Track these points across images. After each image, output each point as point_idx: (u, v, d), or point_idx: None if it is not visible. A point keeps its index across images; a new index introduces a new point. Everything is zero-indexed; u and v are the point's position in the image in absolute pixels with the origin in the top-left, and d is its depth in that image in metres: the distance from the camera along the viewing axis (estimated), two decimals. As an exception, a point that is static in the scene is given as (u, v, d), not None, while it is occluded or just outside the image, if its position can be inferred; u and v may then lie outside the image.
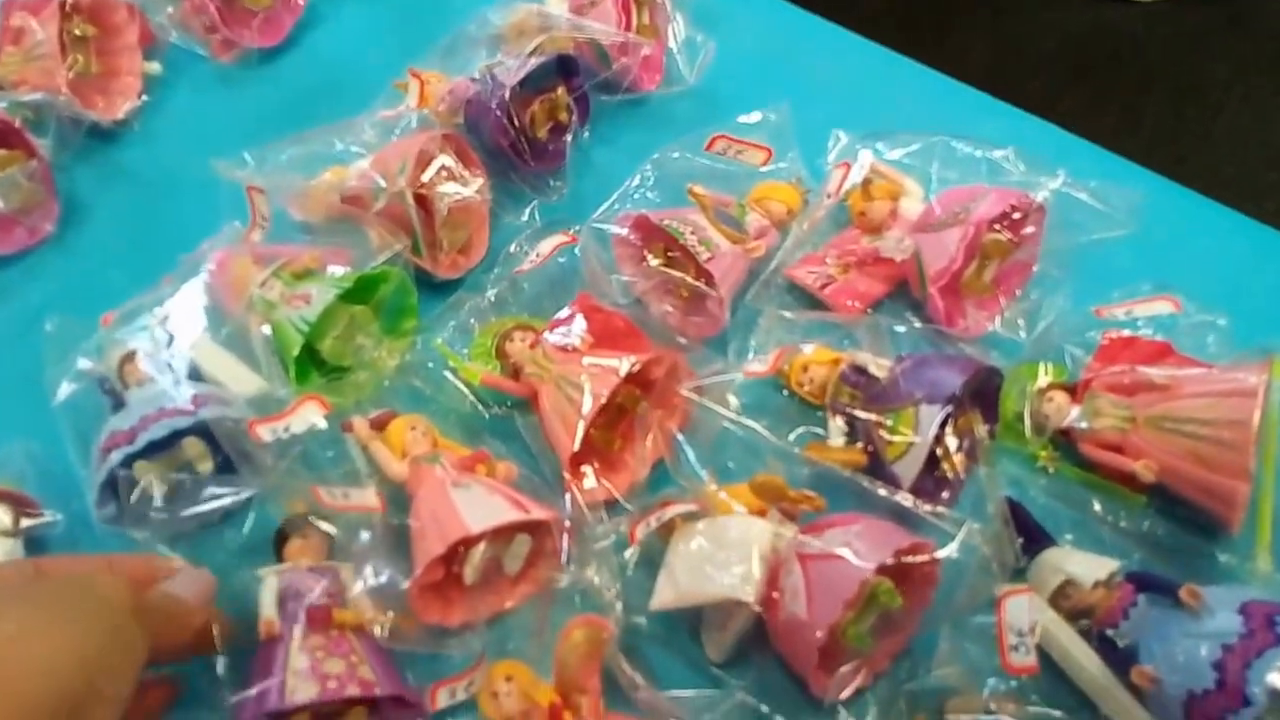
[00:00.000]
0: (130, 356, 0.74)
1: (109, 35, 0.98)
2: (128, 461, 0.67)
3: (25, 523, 0.70)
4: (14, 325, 0.81)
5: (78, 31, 0.95)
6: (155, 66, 1.01)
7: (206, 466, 0.71)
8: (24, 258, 0.90)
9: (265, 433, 0.69)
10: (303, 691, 0.59)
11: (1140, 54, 2.17)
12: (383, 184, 0.79)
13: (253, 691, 0.59)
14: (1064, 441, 0.73)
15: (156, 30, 1.02)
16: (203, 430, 0.69)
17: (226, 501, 0.69)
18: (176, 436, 0.68)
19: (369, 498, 0.67)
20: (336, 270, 0.78)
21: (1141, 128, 2.00)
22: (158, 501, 0.68)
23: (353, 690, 0.59)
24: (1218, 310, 0.74)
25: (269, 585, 0.64)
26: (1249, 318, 0.74)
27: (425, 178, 0.79)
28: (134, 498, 0.68)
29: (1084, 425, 0.71)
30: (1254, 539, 0.68)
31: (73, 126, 0.93)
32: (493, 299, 0.81)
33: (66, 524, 0.72)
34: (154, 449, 0.68)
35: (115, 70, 0.98)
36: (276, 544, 0.67)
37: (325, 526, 0.67)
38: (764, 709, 0.64)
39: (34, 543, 0.71)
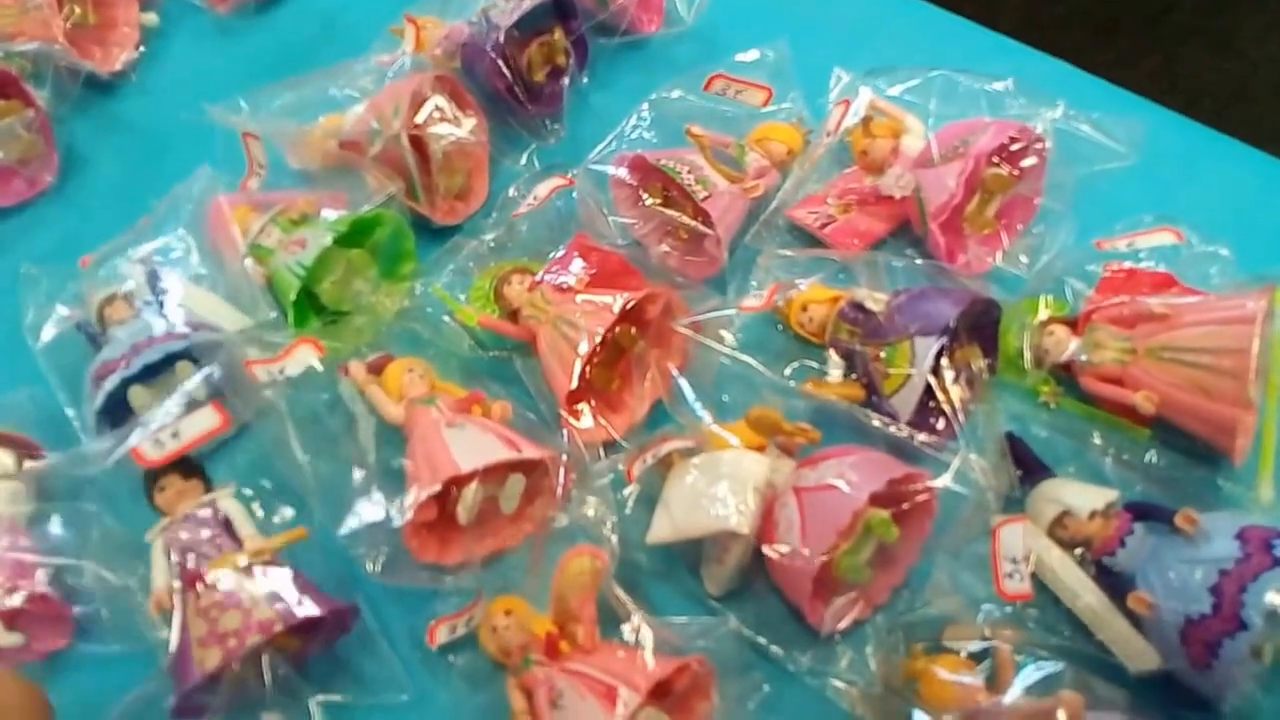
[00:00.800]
0: (110, 299, 0.75)
1: (106, -15, 0.98)
2: (123, 386, 0.68)
3: (28, 464, 0.71)
4: (14, 277, 0.82)
5: (74, -20, 0.96)
6: (152, 18, 1.02)
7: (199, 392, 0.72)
8: (24, 209, 0.92)
9: (261, 373, 0.70)
10: (210, 659, 0.60)
11: (1174, 9, 2.14)
12: (378, 127, 0.79)
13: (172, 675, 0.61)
14: (1065, 376, 0.73)
15: (153, -19, 1.03)
16: (194, 356, 0.71)
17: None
18: (170, 361, 0.69)
19: (207, 421, 0.66)
20: (332, 215, 0.78)
21: (1178, 83, 1.98)
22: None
23: (253, 639, 0.60)
24: (1221, 241, 0.74)
25: (156, 551, 0.65)
26: (1253, 249, 0.74)
27: (419, 119, 0.79)
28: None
29: (1084, 358, 0.71)
30: (1256, 468, 0.68)
31: (70, 78, 0.94)
32: (491, 243, 0.81)
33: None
34: (148, 374, 0.69)
35: (112, 21, 0.99)
36: (149, 499, 0.67)
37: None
38: (761, 640, 0.65)
39: (42, 484, 0.72)
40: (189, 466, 0.68)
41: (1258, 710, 0.60)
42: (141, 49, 1.01)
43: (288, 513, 0.69)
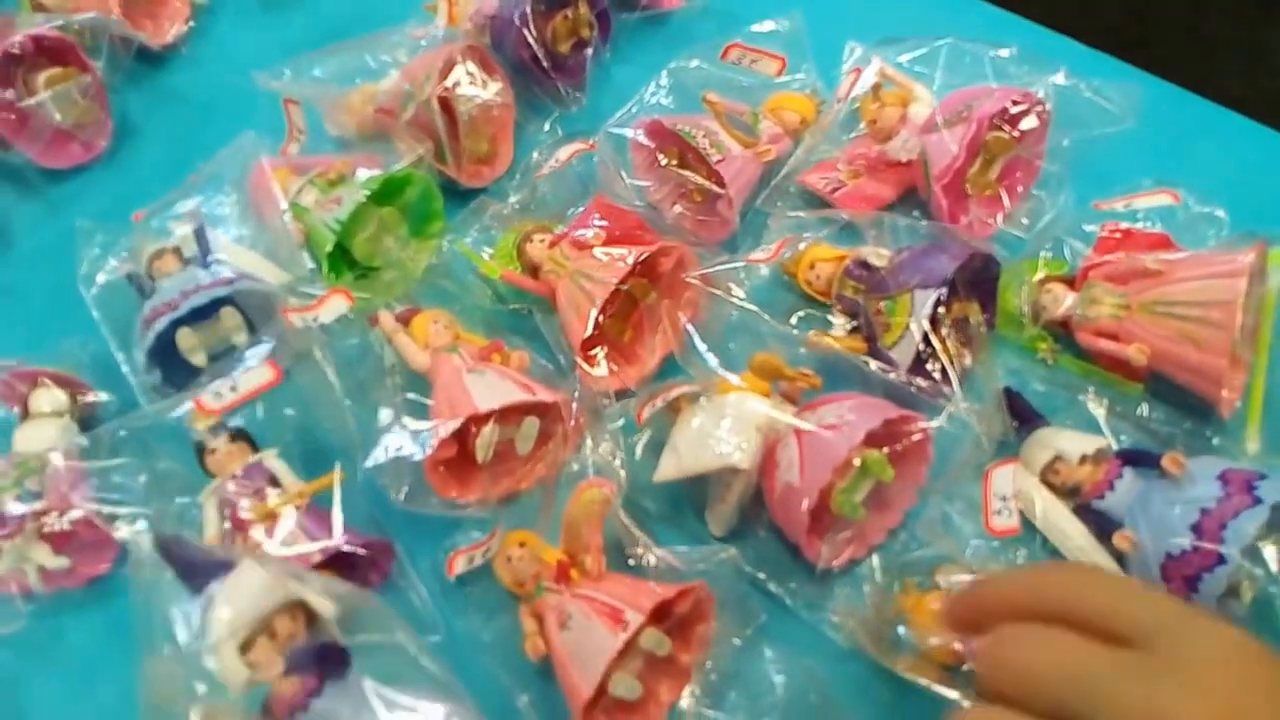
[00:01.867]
0: (159, 253, 0.79)
1: (158, -38, 1.03)
2: (171, 328, 0.72)
3: (79, 403, 0.76)
4: (68, 236, 0.85)
5: (130, -43, 1.00)
6: (202, -7, 1.06)
7: (241, 339, 0.76)
8: (79, 173, 0.96)
9: (296, 320, 0.74)
10: None
11: (1206, 21, 2.13)
12: (411, 92, 0.83)
13: None
14: (1063, 334, 0.75)
15: (202, -41, 1.07)
16: (237, 304, 0.75)
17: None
18: (216, 306, 0.73)
19: (261, 375, 0.70)
20: (366, 175, 0.82)
21: (1210, 95, 1.98)
22: (200, 363, 0.74)
23: None
24: (1217, 204, 0.75)
25: (208, 509, 0.68)
26: (1248, 214, 0.75)
27: (448, 84, 0.83)
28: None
29: (1080, 314, 0.73)
30: (1245, 421, 0.70)
31: (124, 49, 0.98)
32: (514, 204, 0.84)
33: (117, 405, 0.77)
34: (195, 317, 0.73)
35: (164, -3, 1.03)
36: (200, 462, 0.71)
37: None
38: (760, 577, 0.67)
39: (87, 422, 0.77)
40: (235, 431, 0.71)
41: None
42: (191, 24, 1.05)
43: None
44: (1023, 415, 0.71)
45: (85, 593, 0.71)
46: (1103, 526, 0.64)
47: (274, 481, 0.69)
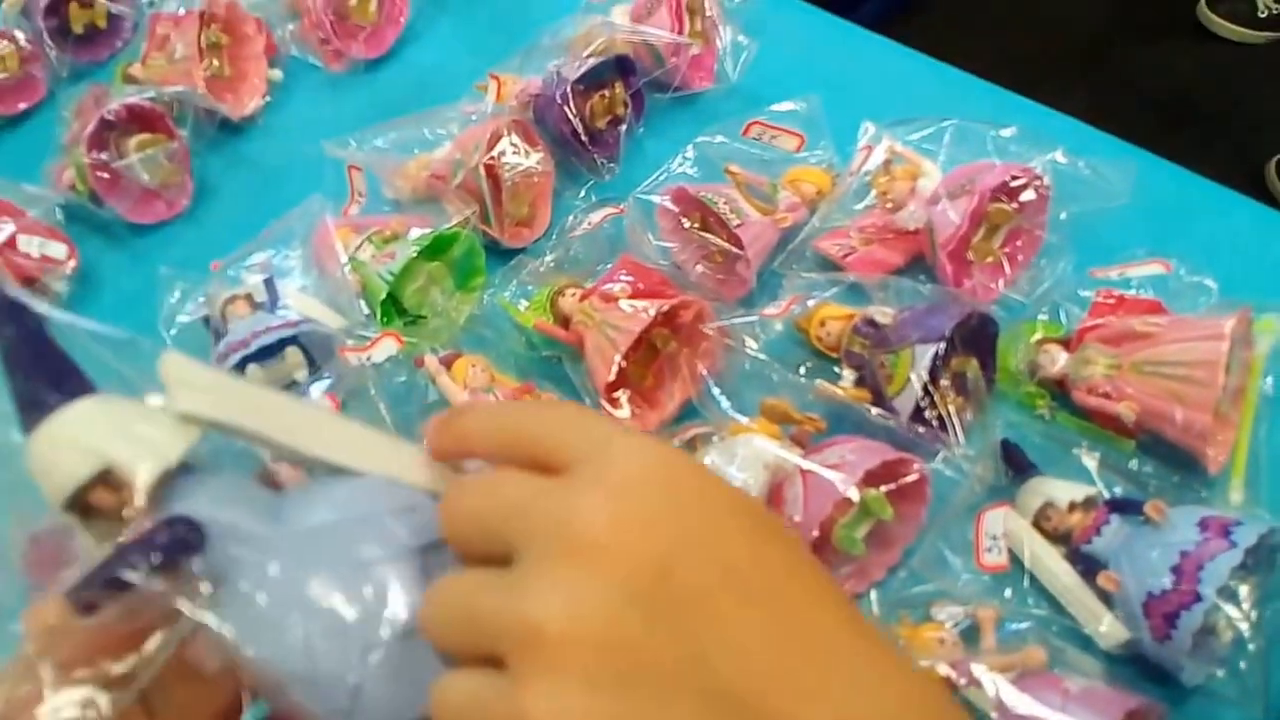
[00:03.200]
0: (232, 299, 0.85)
1: (239, 44, 1.11)
2: (242, 364, 0.78)
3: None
4: (150, 283, 0.92)
5: (213, 39, 1.08)
6: (277, 73, 1.13)
7: (302, 374, 0.81)
8: (161, 228, 1.03)
9: (352, 358, 0.79)
10: None
11: (1249, 95, 2.17)
12: (461, 160, 0.89)
13: None
14: (1060, 393, 0.77)
15: (279, 43, 1.15)
16: (301, 344, 0.80)
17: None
18: (281, 345, 0.79)
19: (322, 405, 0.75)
20: (417, 232, 0.88)
21: (1249, 169, 2.01)
22: None
23: None
24: (1208, 274, 0.78)
25: None
26: (1238, 286, 0.78)
27: (494, 153, 0.89)
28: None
29: (1075, 372, 0.76)
30: (1229, 475, 0.72)
31: (207, 119, 1.06)
32: (550, 262, 0.89)
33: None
34: (263, 354, 0.79)
35: (244, 74, 1.11)
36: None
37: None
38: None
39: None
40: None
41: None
42: (267, 98, 1.12)
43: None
44: (1017, 464, 0.73)
45: None
46: (1090, 567, 0.66)
47: None
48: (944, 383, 0.74)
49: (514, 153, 0.89)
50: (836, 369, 0.79)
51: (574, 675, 0.29)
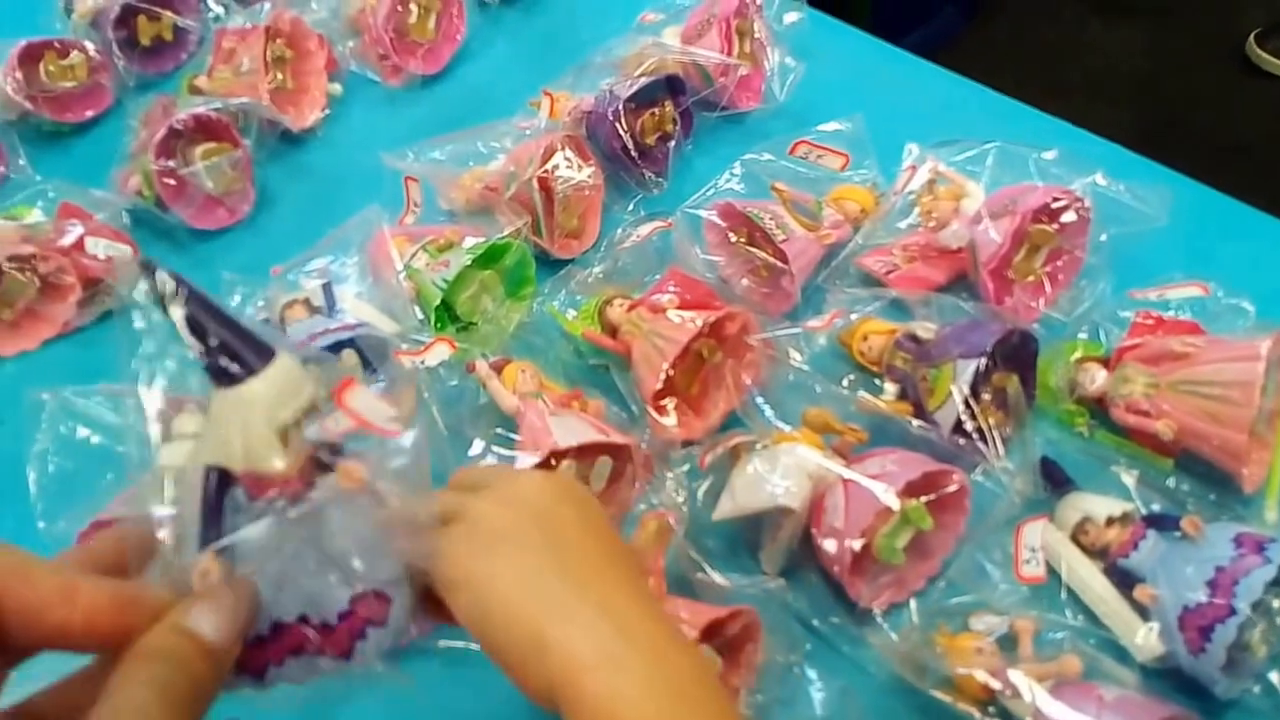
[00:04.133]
0: (291, 303, 0.88)
1: (302, 59, 1.15)
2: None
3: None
4: (213, 288, 0.94)
5: (278, 53, 1.12)
6: (337, 87, 1.17)
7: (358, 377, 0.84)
8: (223, 234, 1.07)
9: (406, 362, 0.82)
10: None
11: None
12: (515, 173, 0.92)
13: None
14: (1099, 410, 0.79)
15: (339, 58, 1.20)
16: (357, 347, 0.83)
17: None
18: (338, 348, 0.82)
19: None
20: (471, 241, 0.91)
21: None
22: None
23: None
24: (1245, 296, 0.80)
25: None
26: (1274, 308, 0.79)
27: (548, 167, 0.92)
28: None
29: (1114, 391, 0.77)
30: (1265, 493, 0.73)
31: (269, 130, 1.10)
32: (599, 273, 0.92)
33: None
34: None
35: (305, 87, 1.15)
36: None
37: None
38: (805, 612, 0.72)
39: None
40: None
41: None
42: (326, 111, 1.16)
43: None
44: (1055, 479, 0.75)
45: None
46: (1126, 582, 0.68)
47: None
48: (985, 398, 0.75)
49: (567, 167, 0.92)
50: (878, 382, 0.81)
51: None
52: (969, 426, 0.73)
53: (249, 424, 0.43)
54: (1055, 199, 0.83)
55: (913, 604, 0.72)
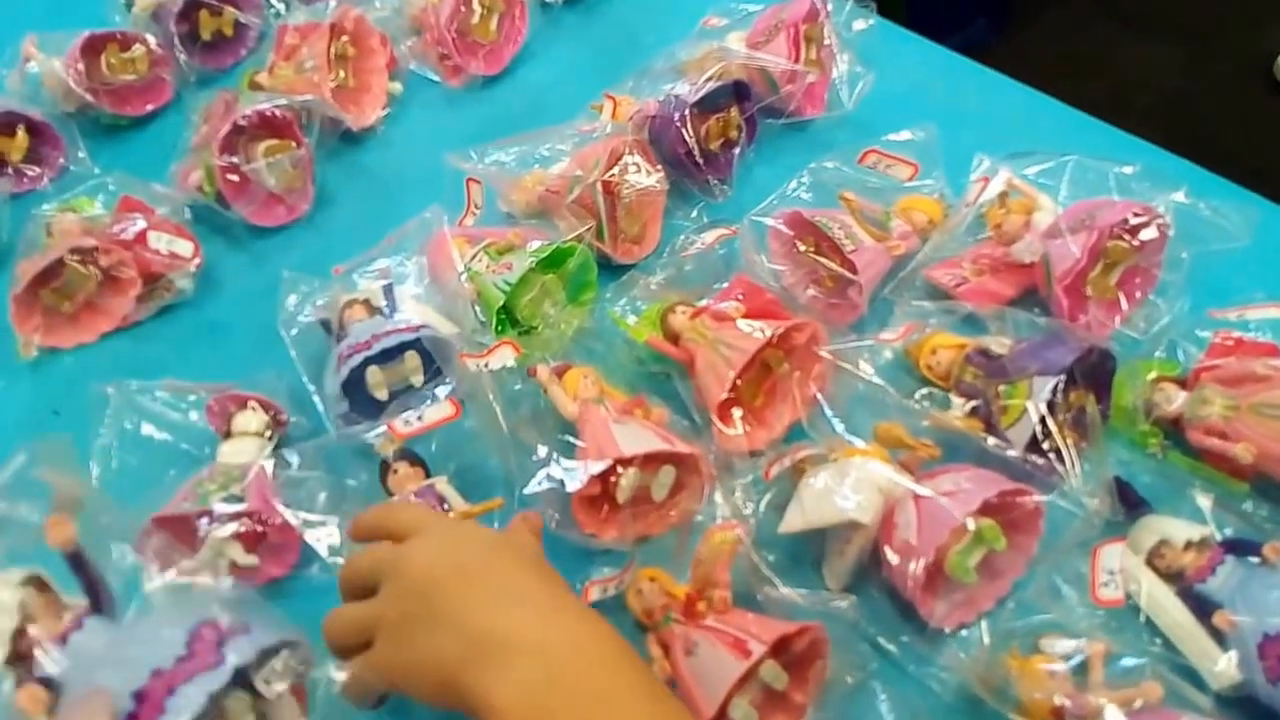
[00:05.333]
0: (351, 303, 0.89)
1: (364, 57, 1.16)
2: (363, 366, 0.82)
3: (274, 430, 0.86)
4: (271, 283, 0.96)
5: (341, 50, 1.14)
6: (397, 86, 1.19)
7: (419, 378, 0.86)
8: (282, 231, 1.08)
9: (470, 364, 0.83)
10: None
11: None
12: (580, 175, 0.93)
13: None
14: (1173, 431, 0.78)
15: (399, 57, 1.21)
16: (420, 348, 0.84)
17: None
18: (401, 349, 0.83)
19: (443, 409, 0.79)
20: (535, 244, 0.92)
21: None
22: (382, 398, 0.84)
23: None
24: (1329, 322, 0.79)
25: None
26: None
27: (614, 171, 0.93)
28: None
29: (1191, 412, 0.76)
30: (1350, 521, 0.72)
31: (331, 128, 1.11)
32: (661, 280, 0.92)
33: (308, 429, 0.87)
34: (383, 357, 0.83)
35: (366, 86, 1.17)
36: (382, 480, 0.80)
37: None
38: (872, 630, 0.72)
39: (281, 442, 0.86)
40: (414, 457, 0.81)
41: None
42: (387, 110, 1.18)
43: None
44: (1130, 502, 0.74)
45: (263, 591, 0.79)
46: (1203, 607, 0.67)
47: (443, 503, 0.77)
48: (1061, 416, 0.75)
49: (634, 171, 0.92)
50: (949, 397, 0.81)
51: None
52: (1045, 445, 0.73)
53: None
54: (1135, 214, 0.83)
55: (983, 624, 0.72)
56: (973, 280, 0.90)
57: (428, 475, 0.80)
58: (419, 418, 0.78)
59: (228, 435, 0.85)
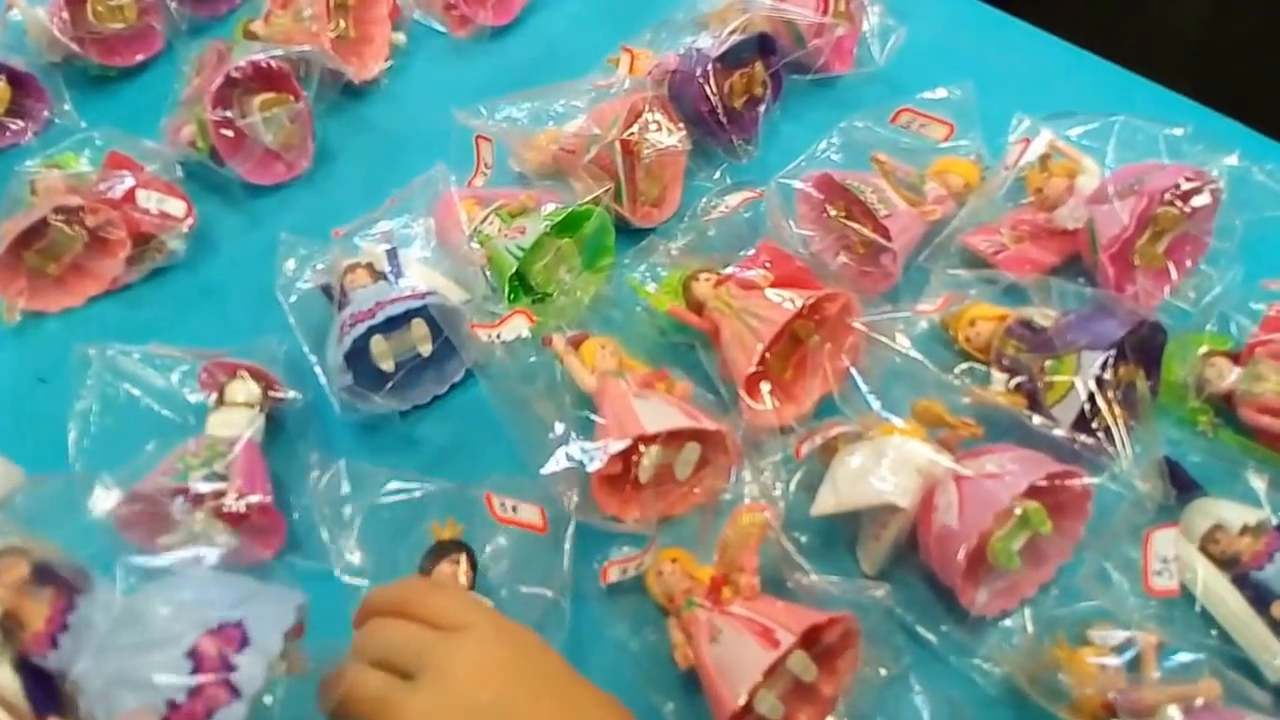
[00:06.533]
0: (353, 267, 0.86)
1: (365, 5, 1.12)
2: (367, 335, 0.78)
3: (269, 399, 0.82)
4: (268, 245, 0.92)
5: (340, -2, 1.10)
6: (401, 37, 1.15)
7: (427, 348, 0.83)
8: (280, 190, 1.05)
9: (482, 335, 0.80)
10: None
11: None
12: (598, 133, 0.89)
13: None
14: (1224, 408, 0.76)
15: (402, 6, 1.17)
16: (427, 315, 0.81)
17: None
18: (407, 317, 0.79)
19: (533, 515, 0.73)
20: (549, 207, 0.88)
21: None
22: (388, 369, 0.81)
23: None
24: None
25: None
26: None
27: (634, 129, 0.89)
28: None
29: (1244, 389, 0.74)
30: None
31: (332, 80, 1.07)
32: (683, 245, 0.89)
33: (303, 405, 0.84)
34: (388, 326, 0.79)
35: (369, 37, 1.13)
36: (424, 565, 0.73)
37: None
38: (908, 619, 0.69)
39: (274, 415, 0.83)
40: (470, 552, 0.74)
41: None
42: (390, 62, 1.13)
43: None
44: (1182, 484, 0.72)
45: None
46: (1260, 596, 0.65)
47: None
48: (1110, 393, 0.72)
49: (655, 130, 0.89)
50: (990, 371, 0.78)
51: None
52: (1094, 424, 0.70)
53: None
54: (1186, 179, 0.79)
55: (1026, 612, 0.69)
56: (1012, 248, 0.87)
57: (472, 566, 0.73)
58: (514, 509, 0.73)
59: (221, 404, 0.81)
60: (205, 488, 0.73)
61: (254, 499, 0.74)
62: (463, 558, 0.72)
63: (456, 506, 0.75)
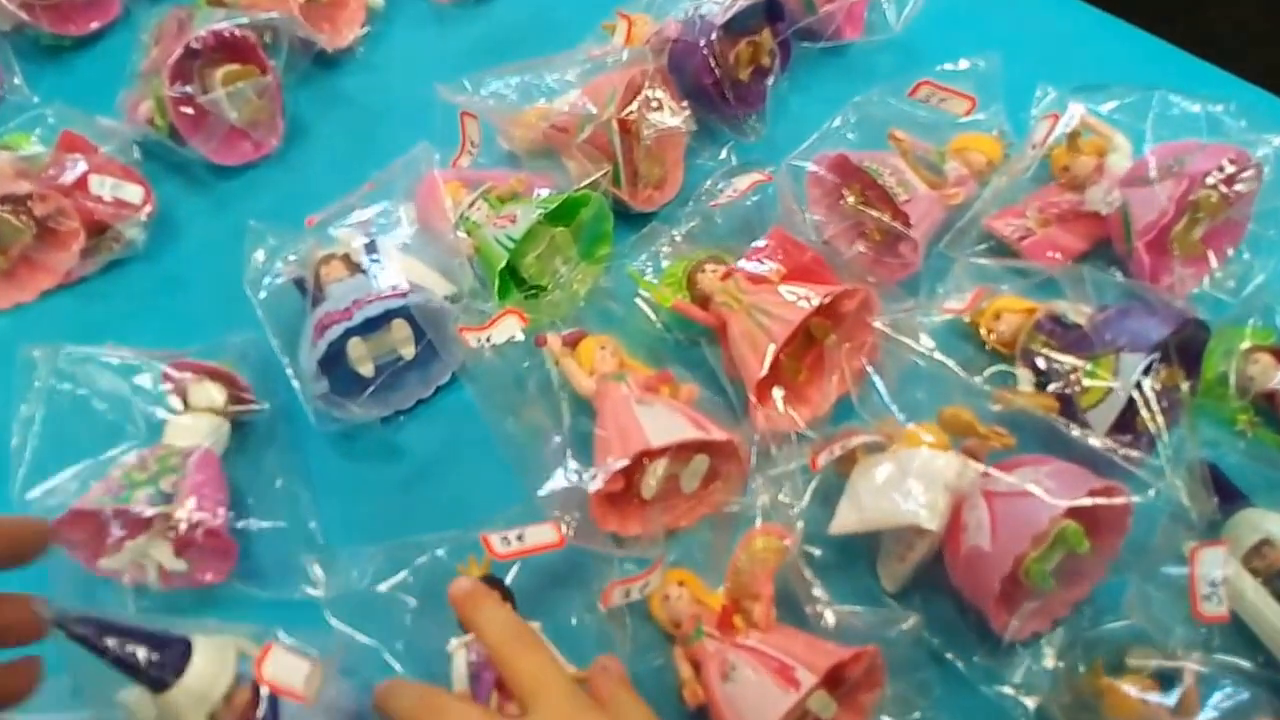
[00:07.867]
0: (328, 259, 0.81)
1: (337, -34, 1.06)
2: (344, 338, 0.74)
3: (234, 408, 0.77)
4: (235, 232, 0.87)
5: (310, -41, 1.04)
6: (378, 2, 1.09)
7: (409, 350, 0.79)
8: (247, 171, 0.99)
9: (470, 339, 0.75)
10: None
11: None
12: (593, 111, 0.84)
13: None
14: (1265, 405, 0.72)
15: (379, -33, 1.11)
16: (408, 315, 0.76)
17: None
18: (387, 317, 0.75)
19: (545, 534, 0.67)
20: (542, 193, 0.83)
21: None
22: (368, 374, 0.77)
23: None
24: None
25: (458, 661, 0.64)
26: None
27: (633, 107, 0.83)
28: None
29: (1291, 389, 0.70)
30: None
31: (302, 50, 1.01)
32: (686, 232, 0.84)
33: (270, 414, 0.79)
34: (367, 327, 0.75)
35: (342, 2, 1.07)
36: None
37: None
38: (935, 642, 0.66)
39: (239, 423, 0.79)
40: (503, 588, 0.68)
41: None
42: (366, 29, 1.08)
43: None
44: (1226, 492, 0.68)
45: (196, 596, 0.72)
46: (1310, 618, 0.62)
47: None
48: (1152, 399, 0.68)
49: (656, 108, 0.83)
50: (1015, 371, 0.74)
51: None
52: (1137, 440, 0.66)
53: None
54: (1229, 161, 0.75)
55: (1059, 633, 0.66)
56: (1038, 232, 0.83)
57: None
58: (519, 538, 0.67)
59: (183, 410, 0.77)
60: (149, 511, 0.69)
61: (202, 520, 0.69)
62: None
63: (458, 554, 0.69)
